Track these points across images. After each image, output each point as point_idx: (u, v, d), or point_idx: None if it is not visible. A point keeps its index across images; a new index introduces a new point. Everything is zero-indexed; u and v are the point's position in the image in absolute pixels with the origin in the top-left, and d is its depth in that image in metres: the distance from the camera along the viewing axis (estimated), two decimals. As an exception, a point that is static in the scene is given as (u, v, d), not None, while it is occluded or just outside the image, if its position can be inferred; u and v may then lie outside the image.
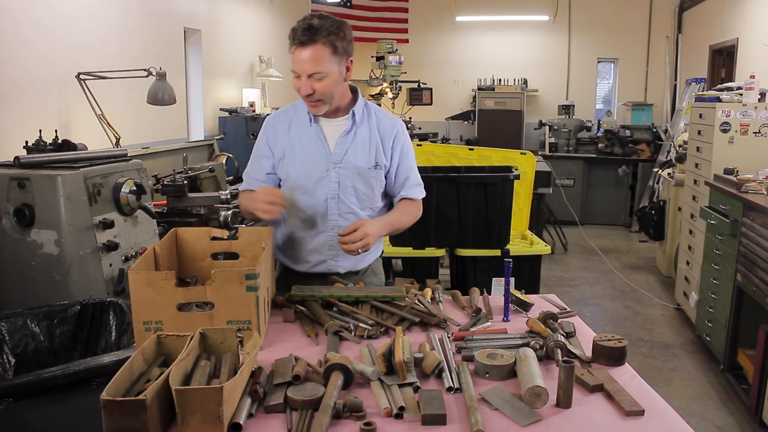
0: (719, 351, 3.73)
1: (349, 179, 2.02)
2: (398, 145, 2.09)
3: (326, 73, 1.88)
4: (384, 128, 2.07)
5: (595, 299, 5.22)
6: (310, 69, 1.87)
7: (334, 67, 1.89)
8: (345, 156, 2.02)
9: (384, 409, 1.28)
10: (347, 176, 2.02)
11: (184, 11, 4.79)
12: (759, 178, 3.54)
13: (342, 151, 2.02)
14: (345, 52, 1.90)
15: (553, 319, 1.73)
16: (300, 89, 1.92)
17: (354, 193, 2.04)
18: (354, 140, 2.03)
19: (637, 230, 7.23)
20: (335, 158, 2.02)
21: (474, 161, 3.70)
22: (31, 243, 2.38)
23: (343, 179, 2.02)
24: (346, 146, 2.02)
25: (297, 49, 1.85)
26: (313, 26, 1.83)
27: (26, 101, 3.09)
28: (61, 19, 3.34)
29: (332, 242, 2.07)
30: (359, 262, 2.14)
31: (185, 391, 1.16)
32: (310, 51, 1.84)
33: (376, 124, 2.06)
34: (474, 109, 8.57)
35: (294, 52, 1.87)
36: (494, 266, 3.19)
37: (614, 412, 1.31)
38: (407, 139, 2.13)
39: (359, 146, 2.03)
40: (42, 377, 1.67)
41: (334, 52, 1.86)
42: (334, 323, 1.72)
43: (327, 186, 2.02)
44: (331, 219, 2.05)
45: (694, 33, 7.81)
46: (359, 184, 2.04)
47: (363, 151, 2.03)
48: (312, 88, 1.89)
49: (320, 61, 1.85)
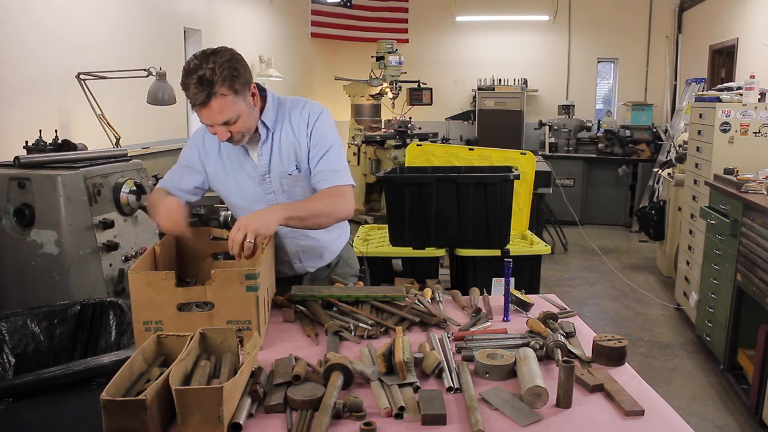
0: (719, 351, 3.73)
1: (281, 186, 1.98)
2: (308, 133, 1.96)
3: (237, 115, 1.78)
4: (297, 123, 1.96)
5: (595, 299, 5.22)
6: (219, 120, 1.76)
7: (241, 106, 1.78)
8: (271, 164, 1.96)
9: (384, 409, 1.28)
10: (277, 183, 1.97)
11: (184, 11, 4.79)
12: (759, 178, 3.54)
13: (265, 162, 1.95)
14: (245, 84, 1.78)
15: (553, 319, 1.73)
16: (217, 136, 1.82)
17: (291, 198, 1.98)
18: (273, 147, 1.95)
19: (637, 230, 7.22)
20: (261, 170, 1.96)
21: (474, 161, 3.70)
22: (31, 243, 2.38)
23: (276, 188, 1.98)
24: (267, 156, 1.95)
25: (199, 109, 1.74)
26: (204, 79, 1.69)
27: (26, 101, 3.09)
28: (61, 19, 3.34)
29: (291, 248, 2.08)
30: (327, 257, 2.14)
31: (185, 391, 1.16)
32: (213, 107, 1.72)
33: (290, 123, 1.96)
34: (474, 109, 8.57)
35: (197, 111, 1.75)
36: (494, 266, 3.18)
37: (614, 412, 1.31)
38: (318, 122, 1.97)
39: (279, 153, 1.95)
40: (42, 377, 1.67)
41: (237, 94, 1.75)
42: (334, 323, 1.72)
43: (264, 198, 1.99)
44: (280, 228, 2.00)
45: (694, 33, 7.81)
46: (291, 188, 1.99)
47: (284, 157, 1.95)
48: (228, 132, 1.80)
49: (226, 110, 1.75)
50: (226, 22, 5.60)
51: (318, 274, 2.17)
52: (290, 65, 7.26)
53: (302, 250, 2.10)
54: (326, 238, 2.13)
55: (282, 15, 7.11)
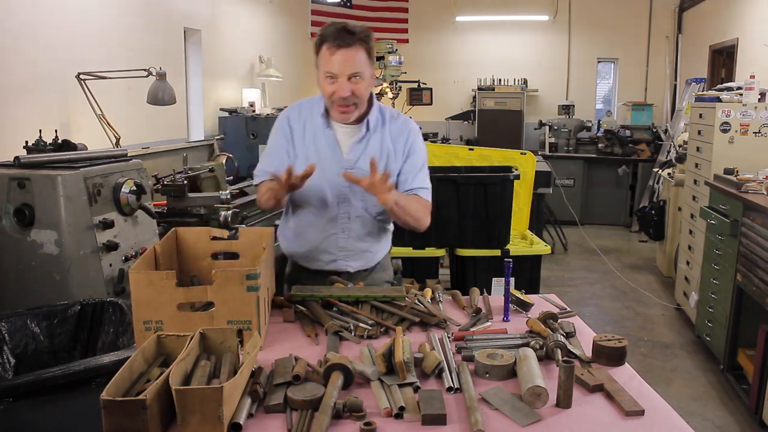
0: (719, 351, 3.73)
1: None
2: (407, 146, 2.07)
3: (363, 75, 1.88)
4: (395, 134, 2.06)
5: (595, 299, 5.22)
6: (350, 70, 1.85)
7: (368, 71, 1.91)
8: (357, 162, 2.01)
9: (384, 409, 1.28)
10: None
11: (184, 11, 4.79)
12: (759, 178, 3.54)
13: (355, 158, 2.01)
14: (374, 57, 1.93)
15: (553, 319, 1.73)
16: (336, 92, 1.89)
17: (363, 198, 2.03)
18: (366, 148, 2.02)
19: (637, 230, 7.22)
20: (348, 164, 2.01)
21: (474, 161, 3.70)
22: (31, 243, 2.38)
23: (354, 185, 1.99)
24: (359, 153, 2.02)
25: (336, 50, 1.83)
26: (348, 28, 1.84)
27: (26, 101, 3.09)
28: (61, 18, 3.34)
29: (342, 243, 2.09)
30: (369, 261, 2.15)
31: (185, 391, 1.16)
32: (350, 52, 1.84)
33: (389, 131, 2.05)
34: (474, 109, 8.57)
35: (333, 54, 1.84)
36: (494, 266, 3.19)
37: (614, 412, 1.31)
38: (417, 140, 2.10)
39: (371, 154, 2.00)
40: (42, 377, 1.67)
41: (369, 56, 1.89)
42: (334, 323, 1.72)
43: (338, 190, 2.02)
44: (341, 222, 2.06)
45: (694, 33, 7.81)
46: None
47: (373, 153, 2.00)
48: (350, 90, 1.87)
49: (359, 63, 1.86)
50: (226, 22, 5.60)
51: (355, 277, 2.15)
52: (290, 65, 7.25)
53: (351, 250, 2.10)
54: (377, 246, 2.16)
55: (282, 15, 7.11)
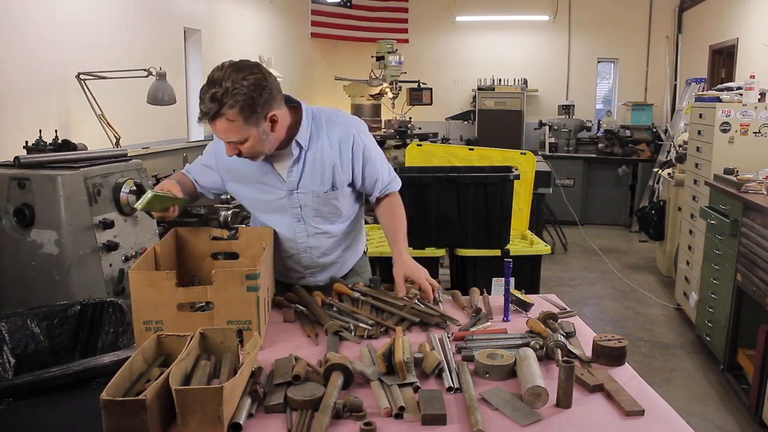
0: (719, 351, 3.73)
1: (310, 202, 1.96)
2: (357, 154, 1.95)
3: (244, 137, 1.72)
4: (337, 140, 1.93)
5: (595, 299, 5.22)
6: (224, 139, 1.74)
7: (251, 132, 1.72)
8: (300, 182, 1.93)
9: (384, 409, 1.28)
10: (307, 199, 1.95)
11: (184, 11, 4.79)
12: (759, 178, 3.54)
13: (296, 179, 1.93)
14: (260, 114, 1.70)
15: (553, 319, 1.73)
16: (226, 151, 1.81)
17: (319, 214, 1.98)
18: (305, 167, 1.91)
19: (637, 230, 7.22)
20: (290, 186, 1.93)
21: (474, 161, 3.70)
22: (31, 243, 2.38)
23: (304, 203, 1.96)
24: (299, 173, 1.92)
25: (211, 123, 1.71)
26: (216, 97, 1.65)
27: (26, 101, 3.09)
28: (61, 19, 3.34)
29: (306, 262, 2.05)
30: (339, 271, 2.13)
31: (185, 391, 1.16)
32: (217, 126, 1.70)
33: (328, 142, 1.92)
34: (474, 109, 8.56)
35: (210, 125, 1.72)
36: (494, 266, 3.19)
37: (614, 412, 1.31)
38: (367, 141, 1.98)
39: (312, 171, 1.92)
40: (42, 377, 1.67)
41: (246, 121, 1.68)
42: (334, 323, 1.72)
43: (290, 211, 1.97)
44: (300, 241, 2.01)
45: (694, 33, 7.81)
46: (321, 206, 1.97)
47: (318, 175, 1.92)
48: (237, 149, 1.77)
49: (231, 133, 1.70)
50: (226, 22, 5.60)
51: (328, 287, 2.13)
52: (290, 65, 7.25)
53: (318, 266, 2.07)
54: (346, 255, 2.13)
55: (282, 15, 7.10)
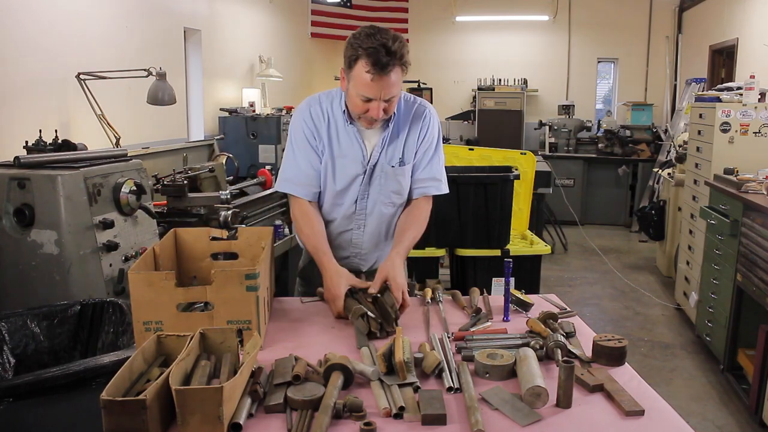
0: (719, 351, 3.73)
1: (379, 179, 2.00)
2: (422, 135, 2.01)
3: (397, 94, 1.85)
4: (413, 120, 2.00)
5: (595, 299, 5.22)
6: (389, 94, 1.81)
7: (401, 86, 1.86)
8: (379, 159, 1.98)
9: (383, 409, 1.28)
10: (378, 177, 2.00)
11: (184, 11, 4.79)
12: (759, 178, 3.54)
13: (377, 155, 1.98)
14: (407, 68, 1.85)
15: (553, 319, 1.73)
16: (369, 112, 1.84)
17: (381, 192, 2.02)
18: (389, 144, 1.98)
19: (637, 230, 7.22)
20: (372, 162, 1.98)
21: (474, 161, 3.70)
22: (31, 243, 2.38)
23: (374, 180, 2.00)
24: (380, 150, 1.98)
25: (377, 76, 1.75)
26: (391, 50, 1.74)
27: (26, 101, 3.09)
28: (61, 18, 3.34)
29: (356, 240, 2.08)
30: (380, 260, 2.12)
31: (185, 391, 1.16)
32: (391, 77, 1.77)
33: (409, 119, 1.99)
34: (474, 109, 8.56)
35: (371, 78, 1.76)
36: (494, 266, 3.19)
37: (614, 412, 1.31)
38: (433, 126, 2.03)
39: (391, 146, 1.99)
40: (42, 377, 1.67)
41: (403, 74, 1.82)
42: (360, 308, 1.71)
43: (358, 188, 2.01)
44: (358, 218, 2.05)
45: (694, 33, 7.81)
46: (387, 183, 2.01)
47: (394, 150, 1.99)
48: (383, 111, 1.83)
49: (396, 85, 1.81)
50: (226, 22, 5.60)
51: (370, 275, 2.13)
52: (290, 65, 7.25)
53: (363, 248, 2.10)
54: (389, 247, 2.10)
55: (282, 15, 7.10)
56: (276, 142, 5.02)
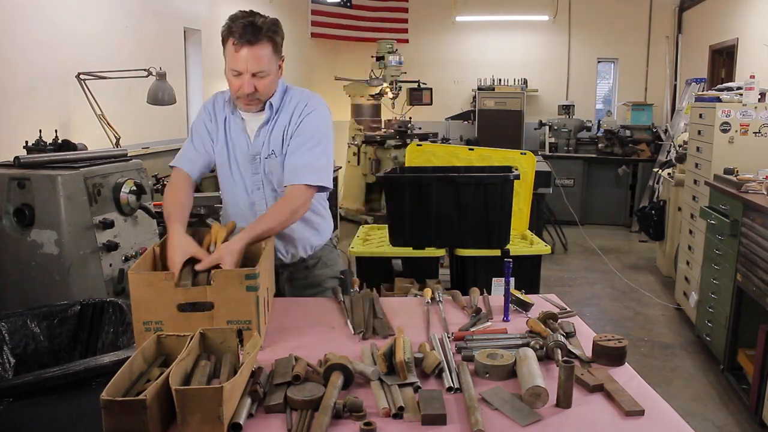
0: (719, 351, 3.73)
1: (268, 169, 2.03)
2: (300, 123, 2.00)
3: (268, 71, 1.89)
4: (295, 110, 2.02)
5: (595, 299, 5.22)
6: (255, 68, 1.87)
7: (274, 66, 1.91)
8: (263, 147, 2.02)
9: (383, 409, 1.28)
10: (265, 166, 2.03)
11: (184, 11, 4.79)
12: (759, 178, 3.53)
13: (260, 143, 2.02)
14: (280, 50, 1.93)
15: (553, 319, 1.73)
16: (241, 88, 1.90)
17: (275, 181, 2.04)
18: (272, 132, 2.01)
19: (637, 230, 7.22)
20: (255, 150, 2.02)
21: (474, 161, 3.69)
22: (31, 243, 2.38)
23: (267, 170, 2.03)
24: (263, 138, 2.02)
25: (241, 48, 1.84)
26: (255, 24, 1.83)
27: (26, 101, 3.09)
28: (61, 19, 3.34)
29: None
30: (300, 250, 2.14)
31: (185, 391, 1.16)
32: (255, 50, 1.84)
33: (292, 109, 2.02)
34: (474, 109, 8.57)
35: (237, 51, 1.85)
36: (494, 266, 3.18)
37: (614, 412, 1.31)
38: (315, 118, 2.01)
39: (276, 135, 2.01)
40: (42, 377, 1.67)
41: (275, 51, 1.89)
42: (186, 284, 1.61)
43: (251, 178, 2.04)
44: (259, 209, 2.05)
45: (694, 33, 7.81)
46: (277, 173, 2.03)
47: (278, 140, 2.01)
48: (254, 87, 1.89)
49: (264, 60, 1.86)
50: (226, 22, 5.60)
51: (296, 274, 2.17)
52: (290, 65, 7.24)
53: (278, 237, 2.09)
54: (300, 231, 2.13)
55: (282, 15, 7.08)
56: (276, 142, 5.01)
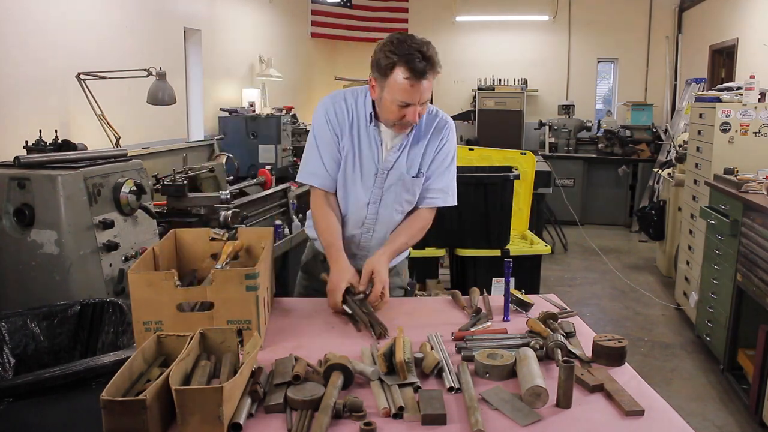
0: (719, 351, 3.73)
1: (394, 185, 2.02)
2: (440, 146, 2.04)
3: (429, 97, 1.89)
4: (434, 131, 2.03)
5: (595, 299, 5.22)
6: (425, 98, 1.85)
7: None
8: (394, 164, 2.00)
9: (383, 410, 1.28)
10: (392, 182, 2.02)
11: (184, 11, 4.79)
12: (759, 178, 3.54)
13: (393, 159, 2.00)
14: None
15: (553, 319, 1.73)
16: (406, 117, 1.86)
17: (395, 199, 2.04)
18: (408, 152, 2.00)
19: (637, 230, 7.22)
20: (386, 165, 2.00)
21: (474, 161, 3.70)
22: (31, 243, 2.38)
23: (388, 185, 2.02)
24: (397, 156, 2.00)
25: (416, 82, 1.79)
26: (426, 55, 1.78)
27: (26, 101, 3.09)
28: (61, 19, 3.34)
29: (364, 243, 2.10)
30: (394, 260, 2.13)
31: (185, 391, 1.16)
32: (427, 82, 1.81)
33: (431, 130, 2.02)
34: (474, 109, 8.57)
35: (411, 84, 1.79)
36: (494, 266, 3.19)
37: (614, 412, 1.31)
38: (451, 140, 2.08)
39: (409, 155, 2.01)
40: (42, 377, 1.67)
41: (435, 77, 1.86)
42: None
43: (371, 191, 2.03)
44: (368, 222, 2.07)
45: (694, 33, 7.81)
46: (402, 191, 2.03)
47: (412, 160, 2.01)
48: (419, 115, 1.88)
49: (429, 90, 1.85)
50: (226, 22, 5.60)
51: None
52: (290, 65, 7.25)
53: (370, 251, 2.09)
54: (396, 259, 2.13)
55: (282, 15, 7.10)
56: (276, 142, 5.02)
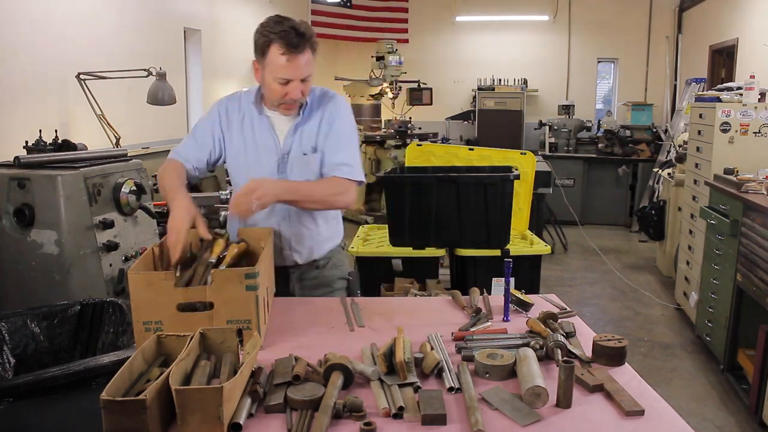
0: (719, 351, 3.73)
1: (296, 168, 2.03)
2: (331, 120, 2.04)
3: (311, 74, 1.93)
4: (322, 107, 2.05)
5: (595, 299, 5.22)
6: (305, 73, 1.90)
7: (313, 70, 1.95)
8: (291, 148, 2.03)
9: (383, 410, 1.28)
10: (293, 165, 2.03)
11: (184, 11, 4.79)
12: (759, 178, 3.53)
13: (290, 143, 2.03)
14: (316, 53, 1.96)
15: (553, 319, 1.73)
16: (288, 94, 1.92)
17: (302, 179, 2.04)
18: (302, 133, 2.03)
19: (637, 230, 7.22)
20: (284, 149, 2.03)
21: (474, 161, 3.69)
22: (31, 243, 2.38)
23: (290, 168, 2.03)
24: (293, 139, 2.03)
25: (289, 55, 1.85)
26: (300, 31, 1.86)
27: (26, 101, 3.09)
28: (61, 19, 3.34)
29: (285, 234, 2.09)
30: (314, 251, 2.14)
31: (185, 391, 1.16)
32: (305, 56, 1.87)
33: (319, 107, 2.05)
34: (474, 109, 8.57)
35: (287, 59, 1.86)
36: (494, 266, 3.18)
37: (614, 412, 1.31)
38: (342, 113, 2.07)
39: (305, 135, 2.03)
40: (42, 377, 1.67)
41: (313, 57, 1.92)
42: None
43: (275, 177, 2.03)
44: (280, 209, 2.05)
45: (694, 33, 7.81)
46: (305, 171, 2.03)
47: (307, 138, 2.03)
48: (301, 92, 1.93)
49: (309, 65, 1.91)
50: (226, 22, 5.60)
51: (307, 275, 2.17)
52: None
53: (294, 237, 2.10)
54: (318, 232, 2.14)
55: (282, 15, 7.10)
56: (276, 142, 5.01)
